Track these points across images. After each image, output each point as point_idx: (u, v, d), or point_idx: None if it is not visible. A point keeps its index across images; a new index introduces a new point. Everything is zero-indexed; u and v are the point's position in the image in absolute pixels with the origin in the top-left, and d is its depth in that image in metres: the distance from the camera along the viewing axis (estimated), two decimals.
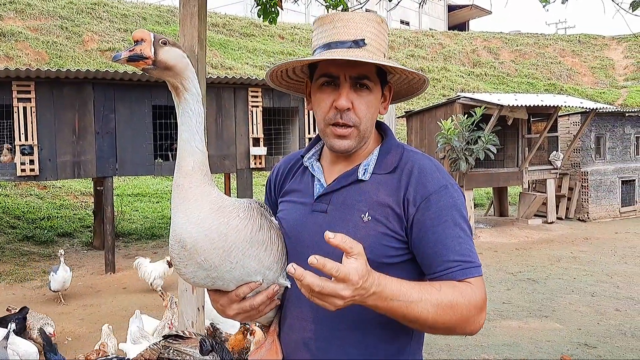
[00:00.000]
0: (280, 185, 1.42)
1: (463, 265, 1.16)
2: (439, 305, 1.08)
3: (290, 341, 1.28)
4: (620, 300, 6.12)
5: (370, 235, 1.19)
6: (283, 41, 22.76)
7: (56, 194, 11.61)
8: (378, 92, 1.27)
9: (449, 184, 1.22)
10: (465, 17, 36.29)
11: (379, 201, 1.22)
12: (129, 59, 1.05)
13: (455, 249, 1.17)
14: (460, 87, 21.32)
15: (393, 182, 1.23)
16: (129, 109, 7.56)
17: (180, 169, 1.12)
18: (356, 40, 1.21)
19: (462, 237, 1.18)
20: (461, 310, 1.11)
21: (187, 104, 1.13)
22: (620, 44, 27.63)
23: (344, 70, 1.20)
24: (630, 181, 13.07)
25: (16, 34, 15.71)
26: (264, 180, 13.57)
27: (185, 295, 3.40)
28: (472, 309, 1.12)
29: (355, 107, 1.22)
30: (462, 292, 1.12)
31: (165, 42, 1.08)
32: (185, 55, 1.12)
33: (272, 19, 4.33)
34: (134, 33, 1.07)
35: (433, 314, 1.08)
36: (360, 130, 1.24)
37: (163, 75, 1.11)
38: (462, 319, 1.11)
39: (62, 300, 6.20)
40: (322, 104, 1.24)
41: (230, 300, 1.19)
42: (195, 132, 1.13)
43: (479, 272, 1.17)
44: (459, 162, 9.76)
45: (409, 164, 1.24)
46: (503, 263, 8.20)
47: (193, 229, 1.09)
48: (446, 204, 1.19)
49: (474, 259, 1.18)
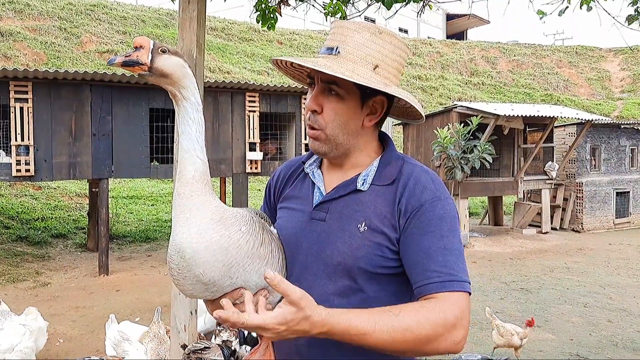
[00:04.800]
0: (280, 191, 1.43)
1: (443, 278, 1.13)
2: (395, 331, 1.06)
3: (283, 347, 1.29)
4: (613, 312, 6.13)
5: (365, 245, 1.20)
6: (281, 46, 22.82)
7: (51, 195, 11.56)
8: (352, 101, 1.24)
9: (443, 197, 1.22)
10: (463, 27, 36.50)
11: (375, 212, 1.22)
12: (124, 63, 1.05)
13: (437, 259, 1.15)
14: (457, 96, 21.40)
15: (390, 193, 1.23)
16: (126, 111, 7.55)
17: (181, 177, 1.11)
18: (331, 47, 1.24)
19: (448, 249, 1.16)
20: (425, 331, 1.07)
21: (187, 112, 1.13)
22: (617, 56, 27.83)
23: (317, 74, 1.24)
24: (625, 193, 13.14)
25: (14, 33, 15.69)
26: (260, 185, 13.61)
27: (178, 299, 3.38)
28: (438, 328, 1.08)
29: (323, 112, 1.25)
30: (427, 311, 1.09)
31: (165, 50, 1.08)
32: (185, 64, 1.11)
33: (271, 25, 4.33)
34: (134, 39, 1.08)
35: (390, 341, 1.06)
36: (328, 135, 1.25)
37: (159, 82, 1.11)
38: (426, 339, 1.08)
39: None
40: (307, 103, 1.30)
41: (218, 307, 1.19)
42: (195, 141, 1.12)
43: (463, 288, 1.14)
44: (454, 170, 9.79)
45: (405, 176, 1.25)
46: (497, 272, 8.21)
47: (193, 239, 1.07)
48: (436, 215, 1.19)
49: (456, 273, 1.14)
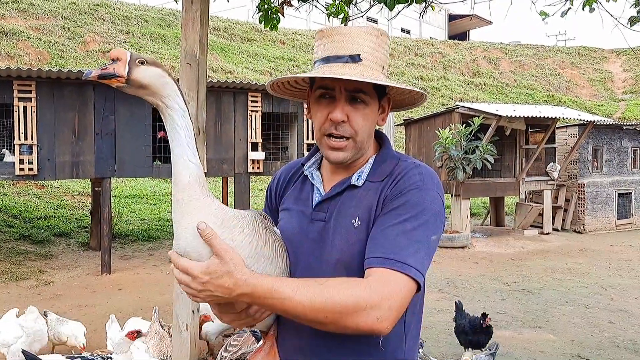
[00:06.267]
0: (281, 193, 1.44)
1: (386, 255, 1.11)
2: (315, 299, 1.05)
3: (288, 346, 1.30)
4: (614, 313, 6.13)
5: (360, 240, 1.20)
6: (284, 46, 22.83)
7: (54, 194, 11.60)
8: (375, 104, 1.28)
9: (425, 188, 1.20)
10: (465, 27, 36.48)
11: (367, 206, 1.24)
12: (100, 76, 1.06)
13: (389, 239, 1.13)
14: (459, 97, 21.39)
15: (380, 188, 1.25)
16: (129, 110, 7.57)
17: (177, 183, 1.12)
18: (352, 55, 1.23)
19: (406, 233, 1.14)
20: (344, 302, 1.05)
21: (173, 120, 1.13)
22: (620, 57, 27.79)
23: (340, 84, 1.22)
24: (627, 194, 13.13)
25: (18, 33, 15.75)
26: (262, 185, 13.62)
27: (180, 298, 3.40)
28: (360, 302, 1.05)
29: (351, 120, 1.24)
30: (353, 284, 1.08)
31: (143, 61, 1.09)
32: (164, 74, 1.12)
33: (273, 25, 4.34)
34: (111, 52, 1.09)
35: (310, 308, 1.05)
36: (357, 141, 1.26)
37: (138, 93, 1.11)
38: (345, 311, 1.05)
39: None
40: (319, 114, 1.27)
41: (225, 311, 1.20)
42: (186, 146, 1.13)
43: (403, 269, 1.09)
44: (456, 171, 9.80)
45: (396, 172, 1.26)
46: (498, 273, 8.22)
47: (197, 242, 1.09)
48: (409, 201, 1.18)
49: (402, 255, 1.11)
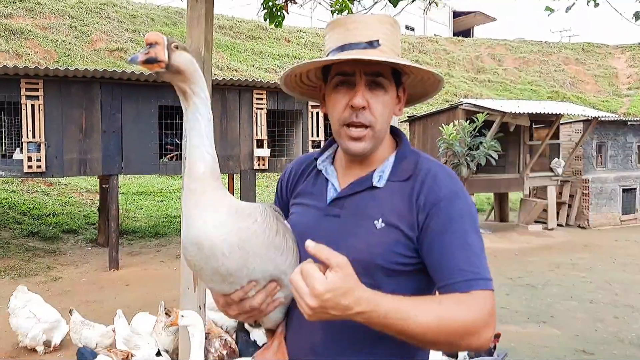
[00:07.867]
0: (293, 187, 1.40)
1: (467, 276, 1.11)
2: (437, 320, 1.04)
3: (297, 345, 1.26)
4: (619, 308, 6.15)
5: (383, 242, 1.17)
6: (289, 44, 22.84)
7: (62, 191, 11.69)
8: (393, 92, 1.25)
9: (461, 193, 1.20)
10: (470, 24, 36.33)
11: (393, 208, 1.19)
12: (146, 61, 1.02)
13: (461, 258, 1.13)
14: (464, 93, 21.35)
15: (407, 189, 1.21)
16: (136, 108, 7.64)
17: (192, 174, 1.10)
18: (370, 41, 1.19)
19: (471, 246, 1.15)
20: (463, 325, 1.06)
21: (197, 108, 1.11)
22: (624, 53, 27.65)
23: (360, 67, 1.18)
24: (631, 189, 13.10)
25: (26, 32, 15.85)
26: (267, 182, 13.68)
27: (187, 294, 3.44)
28: (477, 323, 1.07)
29: (371, 107, 1.20)
30: (466, 306, 1.08)
31: (177, 46, 1.07)
32: (194, 60, 1.10)
33: (278, 23, 4.39)
34: (147, 35, 1.05)
35: (433, 329, 1.03)
36: (376, 131, 1.22)
37: (174, 79, 1.09)
38: (464, 333, 1.06)
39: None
40: (337, 104, 1.22)
41: (228, 302, 1.18)
42: (204, 137, 1.11)
43: (487, 286, 1.12)
44: (460, 167, 9.82)
45: (423, 172, 1.22)
46: (502, 268, 8.23)
47: (211, 231, 1.07)
48: (456, 212, 1.17)
49: (480, 271, 1.13)
